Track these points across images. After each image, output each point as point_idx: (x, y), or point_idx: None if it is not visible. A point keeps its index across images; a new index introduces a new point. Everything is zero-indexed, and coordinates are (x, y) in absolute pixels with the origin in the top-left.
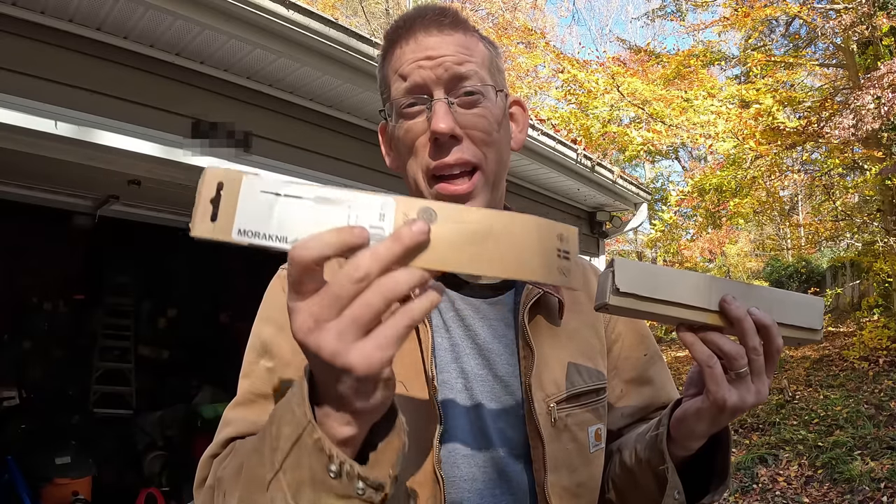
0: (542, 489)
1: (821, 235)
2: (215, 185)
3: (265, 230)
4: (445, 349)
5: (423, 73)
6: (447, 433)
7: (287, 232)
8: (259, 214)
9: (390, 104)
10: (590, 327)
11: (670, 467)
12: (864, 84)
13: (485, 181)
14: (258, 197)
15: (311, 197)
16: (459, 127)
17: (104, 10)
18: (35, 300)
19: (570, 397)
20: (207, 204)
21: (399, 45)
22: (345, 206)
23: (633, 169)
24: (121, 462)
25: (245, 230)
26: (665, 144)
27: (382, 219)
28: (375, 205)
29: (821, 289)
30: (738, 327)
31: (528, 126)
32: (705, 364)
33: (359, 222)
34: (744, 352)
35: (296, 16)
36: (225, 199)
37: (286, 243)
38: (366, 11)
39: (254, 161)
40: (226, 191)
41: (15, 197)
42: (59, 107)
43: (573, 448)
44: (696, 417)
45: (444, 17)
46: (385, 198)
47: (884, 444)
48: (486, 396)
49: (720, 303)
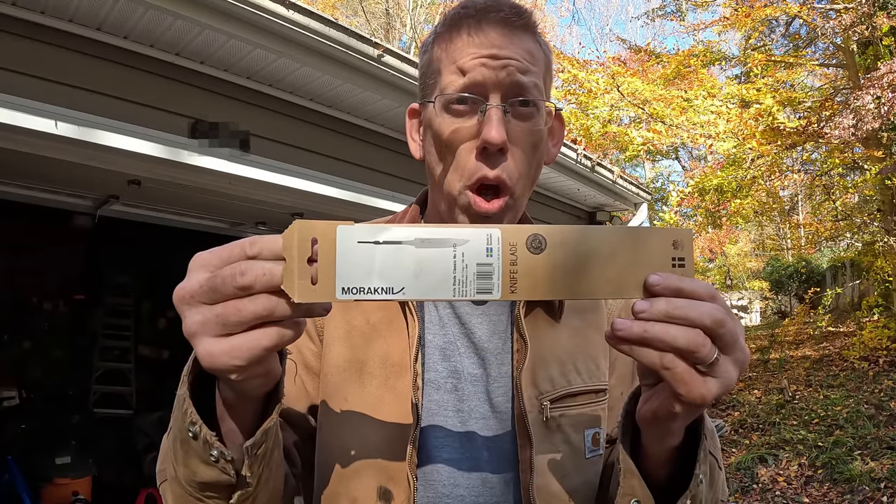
0: (527, 493)
1: (821, 235)
2: (309, 242)
3: (369, 284)
4: (437, 347)
5: (484, 72)
6: (429, 434)
7: (393, 282)
8: (360, 268)
9: (439, 94)
10: (592, 326)
11: (624, 468)
12: (864, 84)
13: (512, 204)
14: (356, 249)
15: (412, 240)
16: (508, 140)
17: (104, 10)
18: (35, 300)
19: (565, 396)
20: (304, 265)
21: (463, 34)
22: (449, 247)
23: (633, 169)
24: (121, 462)
25: (349, 288)
26: (665, 144)
27: (490, 254)
28: (481, 240)
29: (821, 289)
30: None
31: (562, 141)
32: (661, 368)
33: (466, 261)
34: (701, 334)
35: (296, 16)
36: (322, 257)
37: (393, 294)
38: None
39: (253, 161)
40: (321, 247)
41: (15, 197)
42: (59, 107)
43: (566, 451)
44: (661, 419)
45: (518, 16)
46: (489, 231)
47: (884, 444)
48: (478, 397)
49: (634, 312)
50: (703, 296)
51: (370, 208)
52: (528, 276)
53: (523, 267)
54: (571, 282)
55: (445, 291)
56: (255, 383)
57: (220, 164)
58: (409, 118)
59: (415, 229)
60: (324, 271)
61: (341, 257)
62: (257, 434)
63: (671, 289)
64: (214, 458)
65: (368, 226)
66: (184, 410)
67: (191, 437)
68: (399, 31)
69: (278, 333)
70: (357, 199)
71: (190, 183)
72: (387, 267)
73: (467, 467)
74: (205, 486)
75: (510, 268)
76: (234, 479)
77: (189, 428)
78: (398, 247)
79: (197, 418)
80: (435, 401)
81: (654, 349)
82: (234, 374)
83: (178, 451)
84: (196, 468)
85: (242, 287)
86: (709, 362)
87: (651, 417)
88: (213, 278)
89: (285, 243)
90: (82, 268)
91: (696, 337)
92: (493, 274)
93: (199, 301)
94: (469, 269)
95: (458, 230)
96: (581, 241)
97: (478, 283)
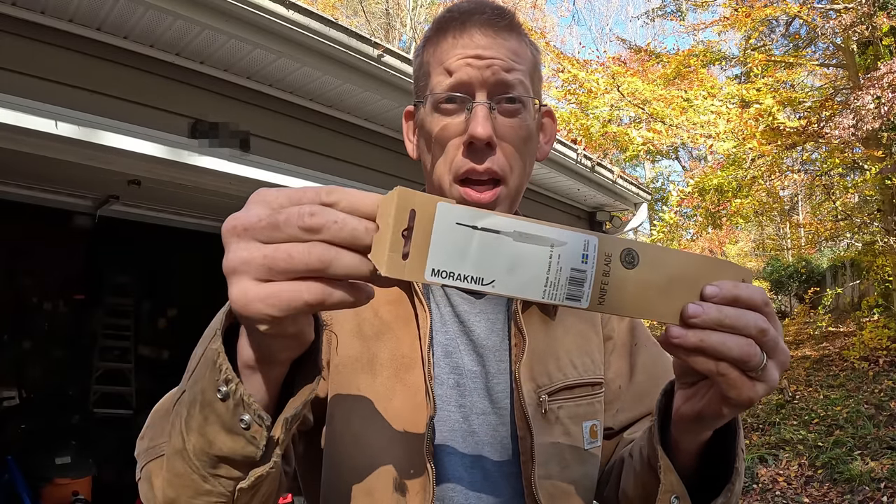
0: (529, 483)
1: (821, 235)
2: (408, 213)
3: (460, 270)
4: (439, 344)
5: (469, 71)
6: (436, 429)
7: (484, 272)
8: (454, 251)
9: (429, 95)
10: (586, 322)
11: (663, 465)
12: (864, 84)
13: (507, 194)
14: (453, 230)
15: (510, 231)
16: (496, 135)
17: (104, 10)
18: (35, 300)
19: (563, 388)
20: (398, 237)
21: (449, 37)
22: (547, 246)
23: (633, 169)
24: (121, 462)
25: (439, 270)
26: (665, 144)
27: (585, 261)
28: (579, 245)
29: (821, 289)
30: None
31: (555, 138)
32: (716, 375)
33: (561, 263)
34: (752, 344)
35: (296, 16)
36: (417, 232)
37: (483, 285)
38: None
39: (253, 161)
40: (418, 221)
41: (15, 197)
42: (59, 107)
43: (565, 442)
44: (706, 418)
45: (501, 17)
46: (587, 237)
47: (884, 444)
48: (479, 394)
49: (685, 318)
50: (757, 303)
51: None
52: (617, 290)
53: (615, 280)
54: (657, 302)
55: (535, 292)
56: (283, 344)
57: (220, 164)
58: (405, 120)
59: (515, 220)
60: (417, 248)
61: (437, 236)
62: (298, 405)
63: (728, 296)
64: (245, 425)
65: (468, 208)
66: (217, 366)
67: (218, 399)
68: (399, 31)
69: (324, 291)
70: None
71: (190, 183)
72: (482, 255)
73: (471, 462)
74: (220, 460)
75: (602, 278)
76: (260, 452)
77: (220, 387)
78: (497, 236)
79: (233, 375)
80: (439, 396)
81: (710, 358)
82: (265, 326)
83: (193, 418)
84: (214, 437)
85: (309, 228)
86: (759, 369)
87: (694, 416)
88: (275, 214)
89: (383, 208)
90: (82, 268)
91: (748, 347)
92: (585, 282)
93: (252, 237)
94: (563, 273)
95: (557, 230)
96: (668, 262)
97: (568, 289)
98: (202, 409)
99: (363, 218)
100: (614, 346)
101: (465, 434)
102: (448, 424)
